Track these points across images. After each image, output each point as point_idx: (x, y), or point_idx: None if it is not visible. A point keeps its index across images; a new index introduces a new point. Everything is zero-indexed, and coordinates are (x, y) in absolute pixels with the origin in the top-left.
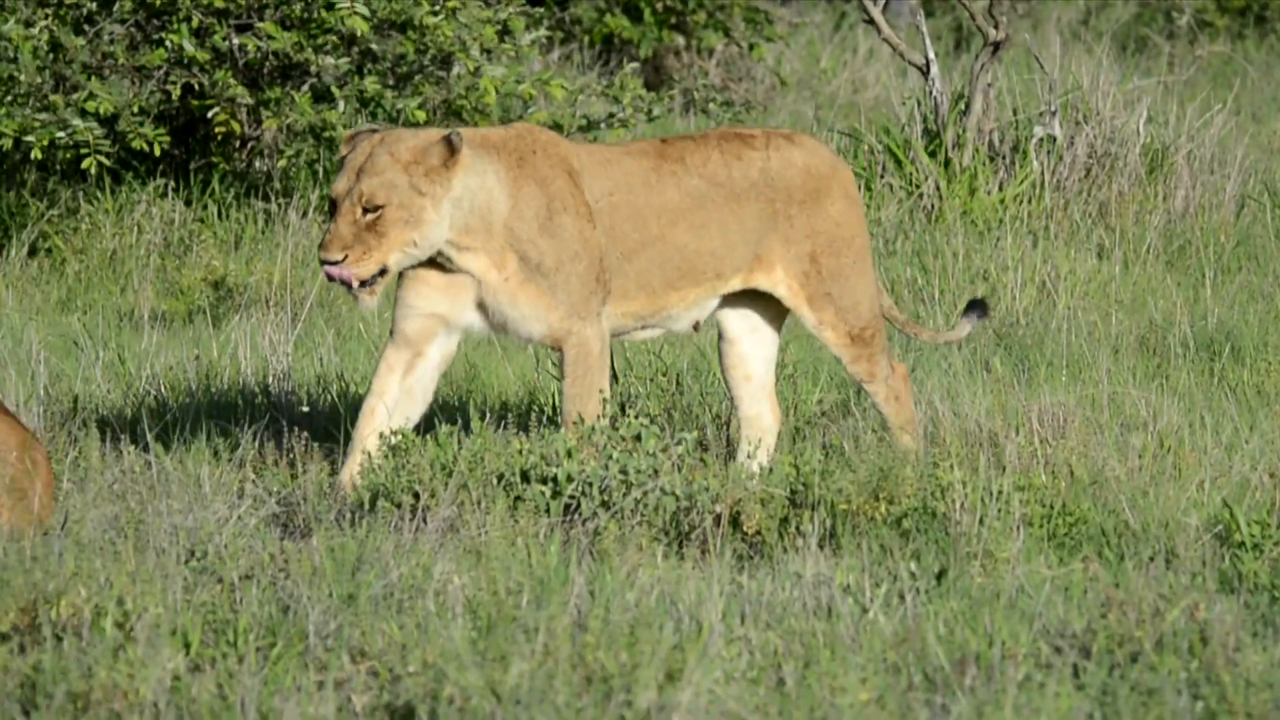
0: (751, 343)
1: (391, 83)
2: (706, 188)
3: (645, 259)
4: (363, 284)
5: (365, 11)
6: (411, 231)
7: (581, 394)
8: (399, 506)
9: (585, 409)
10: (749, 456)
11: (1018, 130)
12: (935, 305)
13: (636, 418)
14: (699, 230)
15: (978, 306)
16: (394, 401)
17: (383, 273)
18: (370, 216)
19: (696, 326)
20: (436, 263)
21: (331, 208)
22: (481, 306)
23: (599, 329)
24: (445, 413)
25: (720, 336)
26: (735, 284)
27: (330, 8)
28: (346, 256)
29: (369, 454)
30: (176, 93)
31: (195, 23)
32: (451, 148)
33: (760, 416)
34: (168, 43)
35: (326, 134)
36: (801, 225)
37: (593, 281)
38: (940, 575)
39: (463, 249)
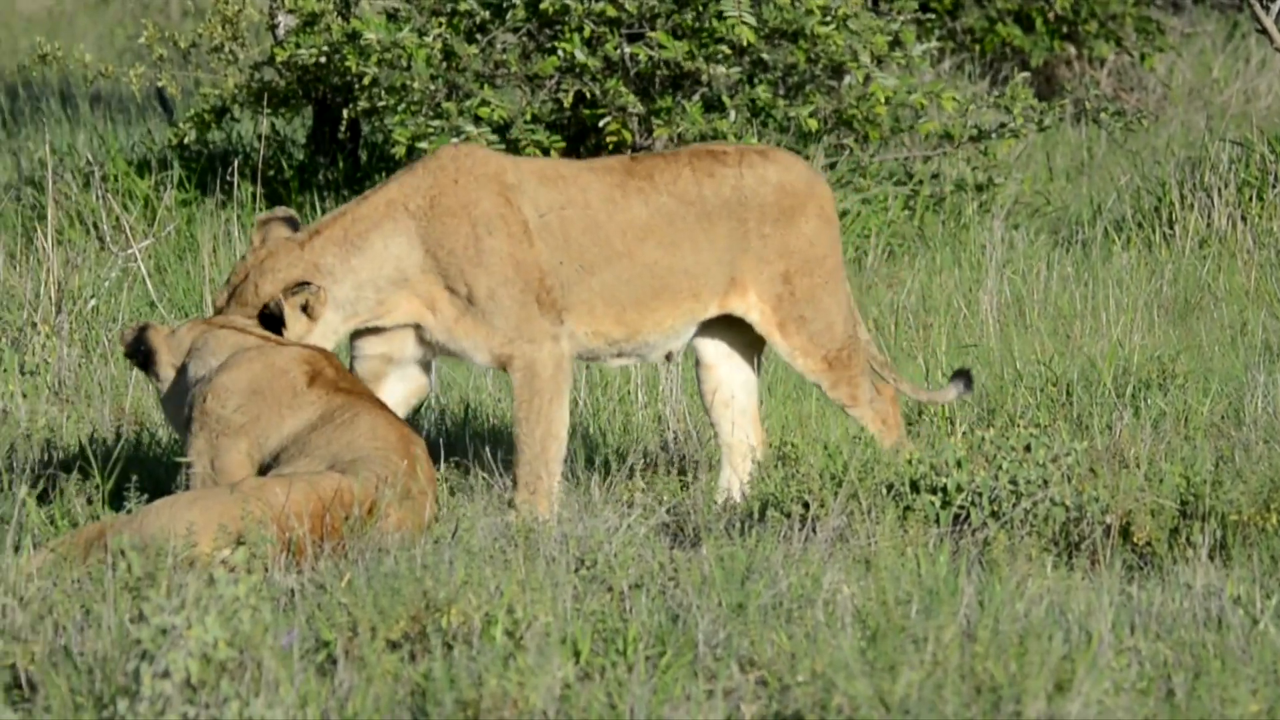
0: (729, 367)
1: (782, 92)
2: (677, 206)
3: (610, 275)
4: None
5: (753, 20)
6: None
7: (530, 418)
8: (788, 516)
9: (535, 436)
10: (727, 486)
11: None
12: None
13: (1026, 428)
14: (670, 247)
15: (963, 376)
16: None
17: None
18: None
19: (669, 357)
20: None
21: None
22: (425, 342)
23: (552, 350)
24: (837, 420)
25: (697, 363)
26: (713, 308)
27: (722, 17)
28: None
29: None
30: (568, 101)
31: (587, 32)
32: (310, 305)
33: (739, 445)
34: (560, 51)
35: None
36: (775, 244)
37: (532, 303)
38: None
39: (384, 314)
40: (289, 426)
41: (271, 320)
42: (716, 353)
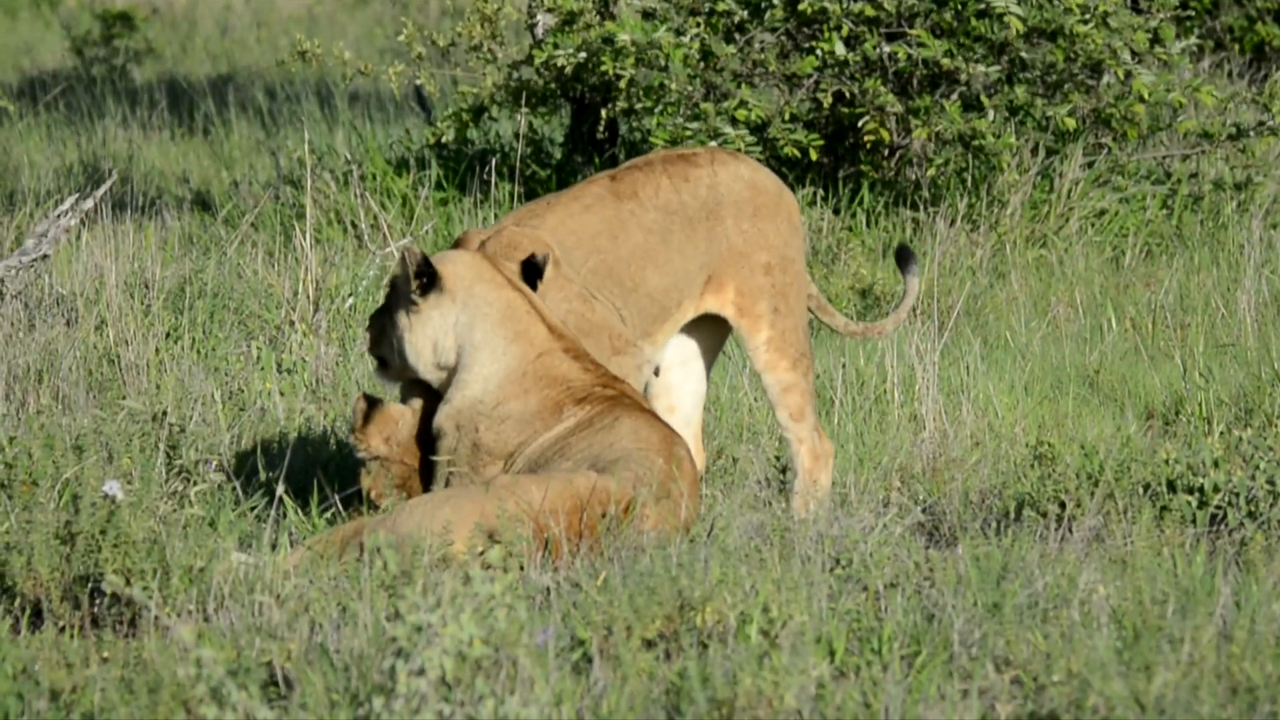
0: (681, 374)
1: (1041, 91)
2: (664, 219)
3: (627, 314)
4: None
5: (1020, 11)
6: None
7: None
8: (1044, 516)
9: None
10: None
11: None
12: None
13: None
14: (663, 267)
15: (904, 256)
16: None
17: None
18: None
19: (656, 371)
20: None
21: None
22: None
23: (635, 359)
24: (1093, 420)
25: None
26: (690, 312)
27: (981, 15)
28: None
29: None
30: (827, 101)
31: (845, 31)
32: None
33: None
34: (818, 51)
35: (975, 143)
36: (755, 238)
37: (609, 344)
38: None
39: None
40: (549, 437)
41: (532, 270)
42: (672, 357)
